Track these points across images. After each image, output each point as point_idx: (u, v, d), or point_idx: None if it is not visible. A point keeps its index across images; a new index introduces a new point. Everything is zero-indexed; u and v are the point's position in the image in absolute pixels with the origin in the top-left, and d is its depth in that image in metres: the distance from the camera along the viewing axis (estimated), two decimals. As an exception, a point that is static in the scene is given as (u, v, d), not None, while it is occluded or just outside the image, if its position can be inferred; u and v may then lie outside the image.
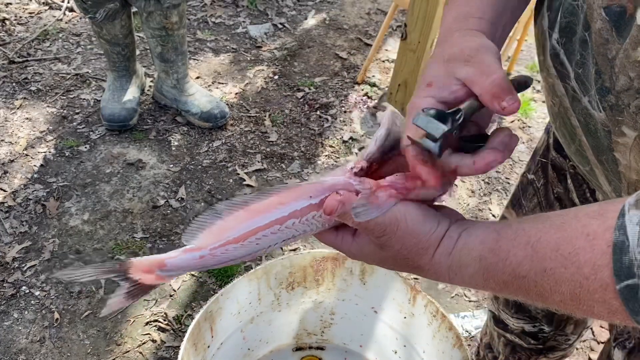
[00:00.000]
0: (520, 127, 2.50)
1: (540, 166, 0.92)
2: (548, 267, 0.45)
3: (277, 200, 0.55)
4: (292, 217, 0.55)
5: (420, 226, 0.53)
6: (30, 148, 2.12)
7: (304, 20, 2.93)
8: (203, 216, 0.57)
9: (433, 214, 0.54)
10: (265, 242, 0.56)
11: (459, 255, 0.52)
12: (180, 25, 2.04)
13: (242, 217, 0.56)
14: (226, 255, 0.57)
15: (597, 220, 0.43)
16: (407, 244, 0.53)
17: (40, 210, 1.92)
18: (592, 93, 0.54)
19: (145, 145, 2.17)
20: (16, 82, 2.37)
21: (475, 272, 0.51)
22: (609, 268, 0.41)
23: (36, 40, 2.58)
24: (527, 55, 2.93)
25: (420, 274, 0.56)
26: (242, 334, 1.35)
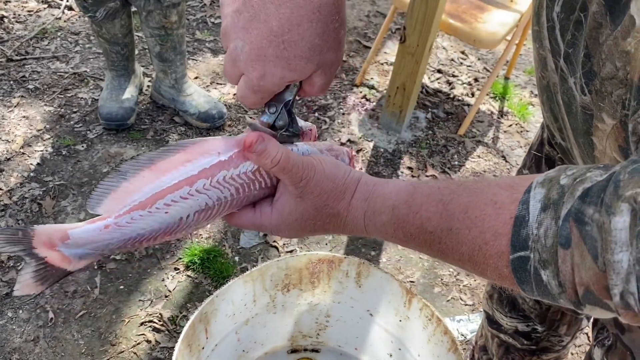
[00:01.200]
0: (518, 131, 2.50)
1: (534, 161, 0.93)
2: (454, 227, 0.47)
3: (184, 157, 0.52)
4: (201, 176, 0.51)
5: (335, 170, 0.56)
6: (27, 146, 2.12)
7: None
8: (107, 179, 0.51)
9: (344, 164, 0.58)
10: (177, 210, 0.51)
11: (374, 202, 0.54)
12: (180, 25, 2.03)
13: (147, 177, 0.51)
14: (132, 226, 0.51)
15: (507, 192, 0.45)
16: (325, 187, 0.54)
17: (36, 209, 1.92)
18: (579, 75, 0.54)
19: (143, 145, 2.17)
20: (14, 80, 2.36)
21: (387, 221, 0.52)
22: (507, 238, 0.43)
23: (34, 39, 2.57)
24: (525, 60, 2.94)
25: (338, 225, 0.56)
26: (236, 336, 1.35)
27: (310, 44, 0.52)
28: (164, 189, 0.51)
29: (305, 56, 0.52)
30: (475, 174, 2.27)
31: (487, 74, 2.76)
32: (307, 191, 0.54)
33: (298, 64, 0.52)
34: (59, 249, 0.51)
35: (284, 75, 0.53)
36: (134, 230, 0.51)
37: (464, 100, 2.59)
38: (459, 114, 2.51)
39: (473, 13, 2.27)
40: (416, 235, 0.50)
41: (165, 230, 0.52)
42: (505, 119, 2.56)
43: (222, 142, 0.53)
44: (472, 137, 2.42)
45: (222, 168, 0.52)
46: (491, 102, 2.63)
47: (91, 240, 0.51)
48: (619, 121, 0.50)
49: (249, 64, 0.52)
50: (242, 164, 0.54)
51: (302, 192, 0.55)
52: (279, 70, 0.52)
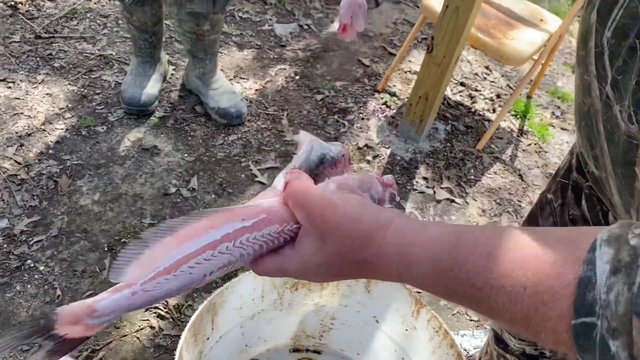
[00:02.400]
0: (537, 151, 2.48)
1: (560, 187, 0.91)
2: (507, 284, 0.43)
3: (207, 224, 0.52)
4: (224, 240, 0.52)
5: (360, 211, 0.51)
6: (48, 123, 2.13)
7: (331, 23, 2.94)
8: (129, 247, 0.52)
9: (374, 204, 0.52)
10: (200, 270, 0.52)
11: (410, 250, 0.49)
12: (212, 32, 2.04)
13: (170, 243, 0.52)
14: (160, 289, 0.52)
15: (567, 248, 0.41)
16: (348, 230, 0.50)
17: (52, 186, 1.93)
18: (626, 103, 0.53)
19: (162, 132, 2.18)
20: (40, 57, 2.38)
21: (426, 273, 0.48)
22: (569, 301, 0.39)
23: (64, 18, 2.59)
24: (549, 80, 2.92)
25: (368, 271, 0.52)
26: (241, 330, 1.35)
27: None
28: (187, 255, 0.52)
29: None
30: (491, 190, 2.26)
31: (510, 90, 2.74)
32: (328, 233, 0.50)
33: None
34: (85, 323, 0.52)
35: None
36: (160, 292, 0.53)
37: (485, 115, 2.58)
38: (478, 129, 2.50)
39: (502, 29, 2.26)
40: (461, 291, 0.46)
41: (190, 287, 0.54)
42: (525, 137, 2.54)
43: (246, 210, 0.54)
44: (490, 153, 2.41)
45: (245, 232, 0.53)
46: (512, 119, 2.62)
47: (118, 307, 0.52)
48: None
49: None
50: (267, 228, 0.54)
51: (322, 233, 0.51)
52: None
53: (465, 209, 2.17)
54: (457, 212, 2.15)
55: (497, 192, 2.26)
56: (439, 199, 2.17)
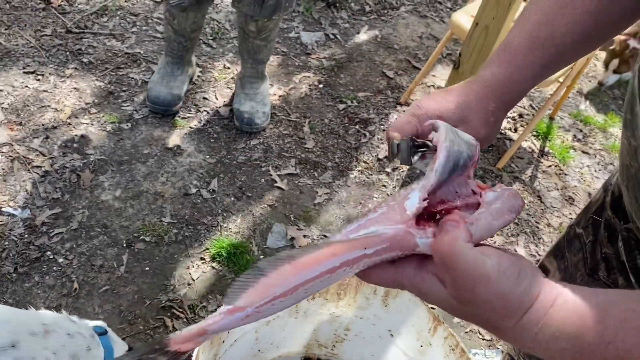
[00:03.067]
0: (557, 173, 2.47)
1: (592, 223, 0.88)
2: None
3: (329, 252, 0.52)
4: (343, 266, 0.51)
5: (514, 288, 0.46)
6: (74, 117, 2.16)
7: (356, 34, 2.95)
8: (245, 276, 0.53)
9: (523, 270, 0.47)
10: (314, 289, 0.53)
11: (550, 325, 0.45)
12: (258, 37, 2.06)
13: (288, 272, 0.52)
14: (273, 308, 0.53)
15: None
16: (495, 305, 0.45)
17: (75, 179, 1.96)
18: None
19: (186, 133, 2.20)
20: (70, 52, 2.42)
21: (567, 349, 0.44)
22: None
23: (95, 14, 2.63)
24: (572, 103, 2.91)
25: (495, 334, 0.49)
26: (256, 335, 1.36)
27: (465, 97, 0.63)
28: (305, 281, 0.52)
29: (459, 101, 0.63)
30: (509, 210, 2.25)
31: (532, 111, 2.74)
32: (470, 302, 0.46)
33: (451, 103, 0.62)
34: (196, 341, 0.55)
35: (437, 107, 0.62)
36: (273, 310, 0.53)
37: (506, 134, 2.57)
38: (499, 147, 2.49)
39: (529, 49, 2.26)
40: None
41: (299, 302, 0.55)
42: (545, 159, 2.53)
43: (369, 241, 0.51)
44: (510, 172, 2.40)
45: (364, 258, 0.51)
46: (533, 140, 2.61)
47: (228, 327, 0.54)
48: None
49: None
50: (387, 254, 0.52)
51: (462, 300, 0.46)
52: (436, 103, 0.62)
53: (482, 227, 2.16)
54: (474, 229, 2.14)
55: (515, 212, 2.25)
56: (456, 215, 2.16)
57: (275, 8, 1.93)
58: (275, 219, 1.99)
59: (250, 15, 1.96)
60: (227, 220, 1.94)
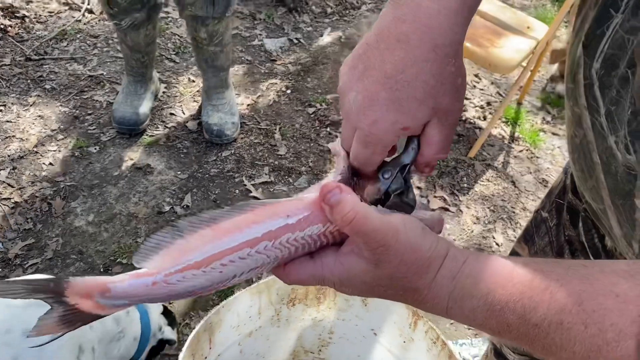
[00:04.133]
0: (529, 157, 2.50)
1: (555, 206, 0.89)
2: (566, 321, 0.40)
3: (250, 218, 0.49)
4: (265, 238, 0.49)
5: (421, 239, 0.47)
6: (41, 146, 2.13)
7: (320, 37, 2.96)
8: (160, 234, 0.49)
9: (426, 228, 0.49)
10: (231, 270, 0.49)
11: (464, 282, 0.46)
12: (211, 43, 2.04)
13: (208, 236, 0.49)
14: (182, 284, 0.49)
15: (628, 282, 0.39)
16: (406, 258, 0.47)
17: (46, 208, 1.93)
18: (622, 134, 0.52)
19: (155, 151, 2.18)
20: (31, 80, 2.39)
21: (478, 307, 0.45)
22: (636, 339, 0.37)
23: (54, 40, 2.60)
24: (538, 86, 2.95)
25: (415, 300, 0.49)
26: (239, 347, 1.35)
27: (424, 84, 0.49)
28: (223, 250, 0.48)
29: (419, 97, 0.50)
30: (484, 198, 2.27)
31: (500, 98, 2.77)
32: (385, 259, 0.47)
33: (411, 105, 0.50)
34: (95, 300, 0.49)
35: (397, 120, 0.50)
36: (183, 288, 0.49)
37: (476, 123, 2.60)
38: (470, 137, 2.51)
39: (489, 38, 2.29)
40: (515, 327, 0.43)
41: (215, 287, 0.50)
42: (516, 144, 2.56)
43: (292, 205, 0.51)
44: (482, 161, 2.43)
45: (287, 231, 0.49)
46: (503, 126, 2.64)
47: (134, 294, 0.49)
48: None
49: (361, 112, 0.50)
50: (310, 227, 0.50)
51: (378, 259, 0.47)
52: (391, 114, 0.50)
53: (459, 217, 2.17)
54: (452, 220, 2.16)
55: (490, 199, 2.27)
56: (433, 208, 2.17)
57: (227, 3, 1.93)
58: (253, 228, 1.99)
59: (202, 18, 1.94)
60: (204, 235, 1.93)
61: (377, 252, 0.46)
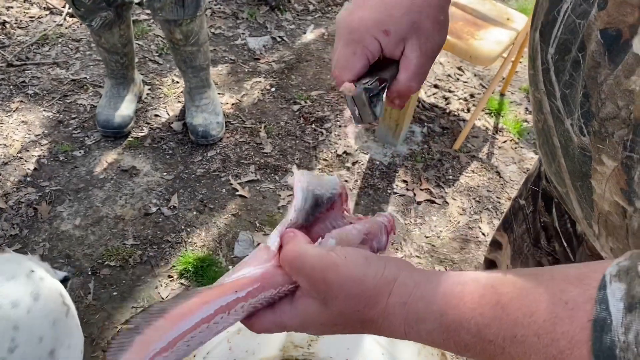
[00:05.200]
0: (513, 148, 2.52)
1: (531, 193, 0.91)
2: (519, 334, 0.40)
3: (199, 301, 0.52)
4: (219, 312, 0.51)
5: (364, 269, 0.47)
6: (25, 151, 2.13)
7: (303, 34, 2.96)
8: (120, 336, 0.51)
9: (377, 257, 0.49)
10: (196, 341, 0.52)
11: (416, 307, 0.46)
12: (187, 43, 2.04)
13: (163, 327, 0.51)
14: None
15: (577, 288, 0.39)
16: (352, 291, 0.47)
17: (32, 213, 1.92)
18: (576, 116, 0.53)
19: (140, 153, 2.18)
20: (13, 85, 2.38)
21: (434, 330, 0.45)
22: (587, 346, 0.36)
23: (35, 45, 2.59)
24: (521, 77, 2.97)
25: (373, 330, 0.49)
26: (228, 344, 1.36)
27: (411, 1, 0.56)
28: (182, 332, 0.51)
29: (405, 6, 0.55)
30: (470, 189, 2.29)
31: (483, 90, 2.79)
32: (330, 296, 0.47)
33: (396, 12, 0.55)
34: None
35: (380, 20, 0.55)
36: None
37: (460, 115, 2.62)
38: (454, 129, 2.53)
39: (469, 30, 2.30)
40: (472, 346, 0.43)
41: (187, 355, 0.53)
42: (500, 135, 2.58)
43: (238, 283, 0.53)
44: (467, 152, 2.45)
45: (239, 302, 0.52)
46: (486, 118, 2.66)
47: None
48: (620, 163, 0.49)
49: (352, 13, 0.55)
50: (262, 294, 0.53)
51: (324, 297, 0.47)
52: (376, 14, 0.55)
53: (445, 209, 2.19)
54: (438, 212, 2.18)
55: (476, 190, 2.29)
56: (419, 200, 2.19)
57: (197, 4, 1.93)
58: (241, 227, 1.99)
59: (174, 21, 1.94)
60: (192, 235, 1.94)
61: (321, 291, 0.47)
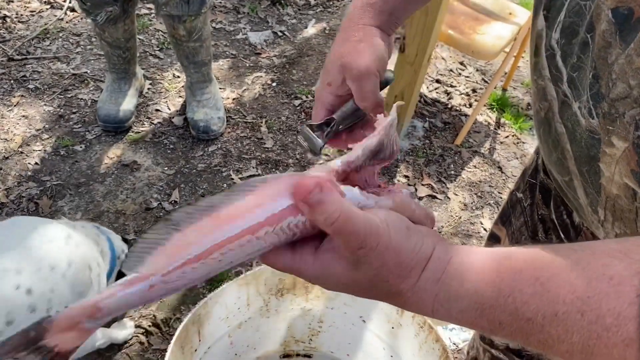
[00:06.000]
0: (514, 143, 2.52)
1: (529, 186, 0.91)
2: (560, 311, 0.38)
3: (253, 202, 0.45)
4: (266, 223, 0.45)
5: (404, 241, 0.45)
6: (26, 146, 2.12)
7: (304, 29, 2.95)
8: (154, 232, 0.44)
9: (416, 228, 0.47)
10: (228, 258, 0.45)
11: (450, 284, 0.44)
12: (190, 40, 2.03)
13: (208, 226, 0.45)
14: (181, 280, 0.45)
15: (621, 262, 0.37)
16: (388, 261, 0.44)
17: (33, 208, 1.92)
18: (585, 99, 0.52)
19: (141, 147, 2.18)
20: (14, 80, 2.37)
21: (467, 307, 0.43)
22: (635, 322, 0.35)
23: (36, 39, 2.58)
24: (523, 72, 2.96)
25: (398, 303, 0.47)
26: (229, 339, 1.36)
27: (334, 51, 0.67)
28: (225, 239, 0.44)
29: (333, 60, 0.66)
30: (472, 184, 2.28)
31: (485, 85, 2.78)
32: (365, 261, 0.44)
33: (330, 68, 0.67)
34: (82, 326, 0.44)
35: (323, 80, 0.67)
36: (181, 284, 0.45)
37: (462, 110, 2.61)
38: (456, 124, 2.52)
39: (472, 25, 2.29)
40: (507, 324, 0.41)
41: (208, 276, 0.46)
42: (502, 130, 2.58)
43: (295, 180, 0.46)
44: (468, 147, 2.44)
45: (290, 214, 0.46)
46: (488, 113, 2.65)
47: (127, 304, 0.44)
48: (632, 143, 0.48)
49: None
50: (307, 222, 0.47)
51: (358, 260, 0.45)
52: (322, 77, 0.68)
53: (447, 204, 2.19)
54: (440, 207, 2.17)
55: (477, 185, 2.29)
56: (420, 195, 2.19)
57: (202, 0, 1.92)
58: (242, 222, 1.99)
59: (179, 17, 1.93)
60: (193, 230, 1.93)
61: (357, 254, 0.44)
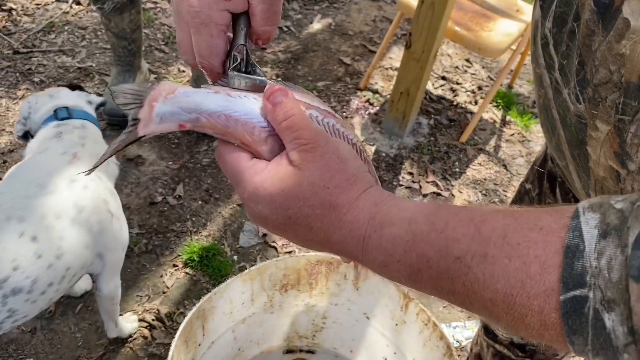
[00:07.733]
0: (520, 141, 2.51)
1: (537, 176, 0.92)
2: (490, 254, 0.38)
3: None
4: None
5: (351, 158, 0.48)
6: (31, 139, 2.12)
7: (310, 24, 2.94)
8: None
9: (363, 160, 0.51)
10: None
11: (387, 210, 0.45)
12: None
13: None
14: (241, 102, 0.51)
15: (552, 216, 0.38)
16: (332, 165, 0.46)
17: (38, 201, 1.92)
18: (572, 85, 0.55)
19: (146, 142, 2.18)
20: (20, 73, 2.37)
21: (399, 236, 0.43)
22: (558, 272, 0.35)
23: (42, 32, 2.58)
24: (529, 70, 2.95)
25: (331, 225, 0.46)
26: (233, 334, 1.36)
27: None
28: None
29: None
30: (476, 182, 2.28)
31: (491, 82, 2.77)
32: (310, 159, 0.46)
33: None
34: (154, 104, 0.50)
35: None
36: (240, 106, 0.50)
37: (467, 107, 2.60)
38: (461, 121, 2.52)
39: (479, 21, 2.28)
40: (435, 262, 0.41)
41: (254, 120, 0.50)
42: (508, 127, 2.57)
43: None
44: (473, 145, 2.43)
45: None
46: (494, 110, 2.64)
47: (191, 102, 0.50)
48: (613, 126, 0.50)
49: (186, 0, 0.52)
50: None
51: (303, 158, 0.46)
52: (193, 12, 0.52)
53: (451, 201, 2.18)
54: (444, 205, 2.17)
55: (482, 183, 2.28)
56: (425, 193, 2.18)
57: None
58: (246, 217, 1.99)
59: None
60: (197, 225, 1.93)
61: (303, 149, 0.46)
